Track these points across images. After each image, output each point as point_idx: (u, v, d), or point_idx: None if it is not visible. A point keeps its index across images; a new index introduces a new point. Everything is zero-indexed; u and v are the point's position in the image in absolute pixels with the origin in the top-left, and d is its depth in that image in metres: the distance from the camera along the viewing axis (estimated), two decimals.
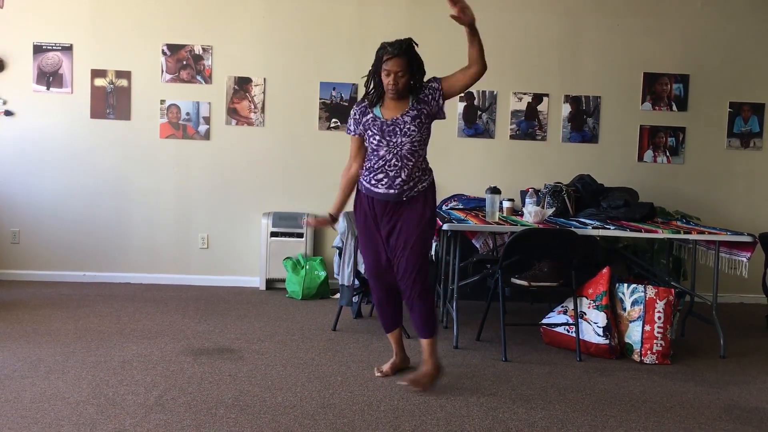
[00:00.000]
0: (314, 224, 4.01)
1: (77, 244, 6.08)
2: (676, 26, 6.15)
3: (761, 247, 5.07)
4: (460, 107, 6.10)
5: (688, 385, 3.95)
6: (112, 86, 6.01)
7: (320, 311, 5.33)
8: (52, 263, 6.09)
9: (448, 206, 5.72)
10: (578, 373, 4.08)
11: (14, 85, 5.98)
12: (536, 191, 5.13)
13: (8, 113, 5.98)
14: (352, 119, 3.80)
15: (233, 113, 6.08)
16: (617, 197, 5.13)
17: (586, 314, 4.39)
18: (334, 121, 6.08)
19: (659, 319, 4.25)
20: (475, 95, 6.10)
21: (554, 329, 4.54)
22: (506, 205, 5.10)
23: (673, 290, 4.34)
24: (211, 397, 3.47)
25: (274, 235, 5.93)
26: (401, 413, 3.36)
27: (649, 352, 4.27)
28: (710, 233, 4.59)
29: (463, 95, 6.03)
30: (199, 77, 6.05)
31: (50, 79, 5.99)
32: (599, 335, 4.32)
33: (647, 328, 4.26)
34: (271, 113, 6.11)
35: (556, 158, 6.15)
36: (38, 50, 5.97)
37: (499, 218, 4.86)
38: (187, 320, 4.93)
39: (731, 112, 6.21)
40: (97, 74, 6.01)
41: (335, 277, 5.27)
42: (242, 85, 6.06)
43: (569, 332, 4.44)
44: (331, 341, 4.55)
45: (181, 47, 6.03)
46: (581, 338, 4.36)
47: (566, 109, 6.16)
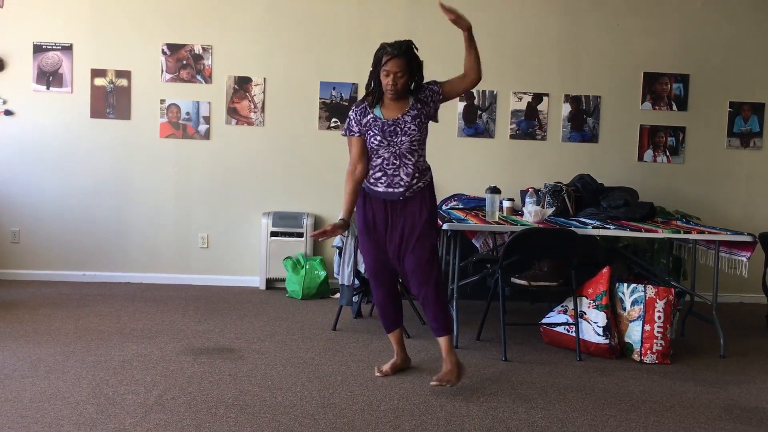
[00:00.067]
0: (330, 233, 3.66)
1: (77, 243, 6.08)
2: (676, 26, 6.15)
3: (761, 246, 5.07)
4: (460, 107, 6.10)
5: (687, 384, 3.95)
6: (112, 86, 6.01)
7: (320, 311, 5.33)
8: (52, 263, 6.09)
9: (448, 206, 5.72)
10: (578, 372, 4.08)
11: (14, 84, 5.98)
12: (536, 191, 5.13)
13: (8, 113, 5.98)
14: (351, 120, 3.77)
15: (233, 113, 6.08)
16: (617, 197, 5.13)
17: (586, 314, 4.39)
18: (334, 120, 6.08)
19: (659, 318, 4.26)
20: (475, 95, 6.10)
21: (554, 329, 4.54)
22: (506, 204, 5.10)
23: (673, 290, 4.34)
24: (211, 396, 3.47)
25: (274, 234, 5.93)
26: (401, 413, 3.36)
27: (649, 351, 4.27)
28: (710, 233, 4.59)
29: (463, 95, 6.05)
30: (199, 77, 6.05)
31: (50, 78, 5.99)
32: (599, 335, 4.32)
33: (647, 327, 4.26)
34: (271, 113, 6.11)
35: (556, 158, 6.15)
36: (38, 50, 5.97)
37: (499, 218, 4.85)
38: (187, 320, 4.93)
39: (731, 111, 6.21)
40: (97, 74, 6.01)
41: (335, 276, 5.27)
42: (242, 84, 6.06)
43: (569, 332, 4.44)
44: (331, 341, 4.55)
45: (181, 47, 6.03)
46: (581, 338, 4.36)
47: (566, 108, 6.16)
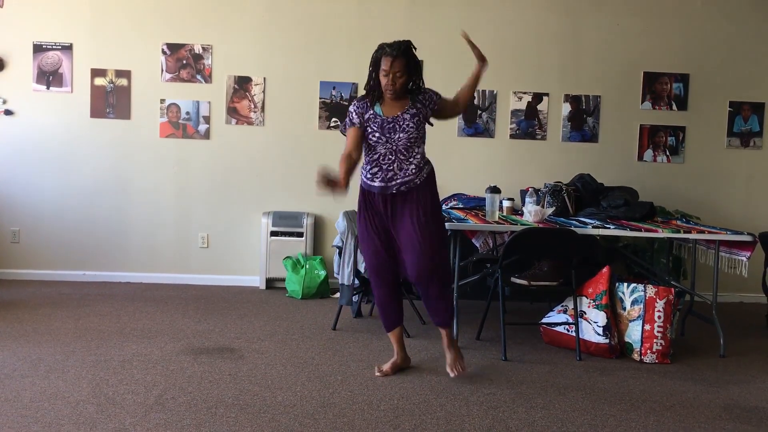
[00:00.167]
0: (324, 180, 3.47)
1: (77, 243, 6.08)
2: (676, 25, 6.15)
3: (761, 246, 5.07)
4: None
5: (687, 384, 3.95)
6: (112, 85, 6.01)
7: (320, 310, 5.33)
8: (52, 262, 6.09)
9: (448, 205, 5.71)
10: (578, 372, 4.08)
11: (14, 84, 5.98)
12: (536, 190, 5.13)
13: (8, 112, 5.98)
14: (353, 113, 3.81)
15: (233, 112, 6.08)
16: (617, 196, 5.13)
17: (585, 313, 4.39)
18: (334, 120, 6.08)
19: (659, 318, 4.26)
20: (475, 94, 6.08)
21: (554, 328, 4.54)
22: (506, 204, 5.10)
23: (672, 289, 4.34)
24: (211, 396, 3.47)
25: (274, 234, 5.93)
26: (401, 412, 3.36)
27: (648, 351, 4.27)
28: (710, 232, 4.59)
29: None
30: (199, 76, 6.04)
31: (50, 78, 5.99)
32: (599, 334, 4.32)
33: (647, 327, 4.26)
34: (271, 112, 6.11)
35: (556, 157, 6.15)
36: (38, 49, 5.97)
37: (499, 217, 4.85)
38: (187, 319, 4.93)
39: (731, 111, 6.21)
40: (97, 73, 6.01)
41: (335, 276, 5.27)
42: (242, 84, 6.06)
43: (569, 331, 4.44)
44: (331, 340, 4.55)
45: (181, 46, 6.03)
46: (581, 337, 4.36)
47: (566, 108, 6.16)
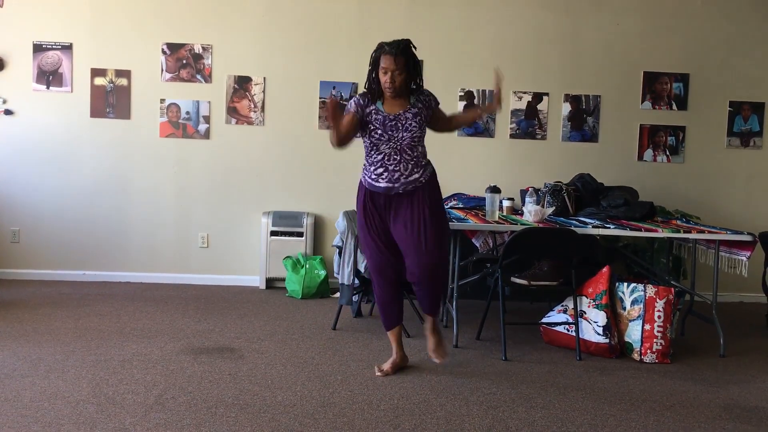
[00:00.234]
0: (334, 106, 3.55)
1: (77, 243, 6.08)
2: (676, 25, 6.15)
3: (761, 246, 5.07)
4: (459, 106, 6.09)
5: (687, 384, 3.95)
6: (111, 85, 6.01)
7: (320, 310, 5.33)
8: (52, 262, 6.09)
9: (448, 205, 5.71)
10: (578, 372, 4.08)
11: (14, 84, 5.98)
12: (536, 190, 5.13)
13: (8, 112, 5.98)
14: (353, 103, 3.82)
15: (233, 112, 6.08)
16: (617, 196, 5.13)
17: (585, 313, 4.39)
18: None
19: (659, 318, 4.26)
20: (475, 94, 6.10)
21: (554, 328, 4.54)
22: (506, 204, 5.10)
23: (672, 289, 4.34)
24: (211, 396, 3.47)
25: (274, 234, 5.93)
26: (401, 412, 3.36)
27: (648, 351, 4.27)
28: (710, 232, 4.59)
29: (462, 94, 6.07)
30: (198, 76, 6.04)
31: (50, 78, 5.99)
32: (599, 334, 4.32)
33: (647, 327, 4.26)
34: (271, 112, 6.10)
35: (556, 157, 6.14)
36: (38, 49, 5.97)
37: (499, 217, 4.85)
38: (187, 319, 4.93)
39: (731, 111, 6.21)
40: (97, 73, 6.01)
41: (335, 276, 5.27)
42: (242, 84, 6.06)
43: (569, 331, 4.44)
44: (331, 340, 4.55)
45: (180, 46, 6.03)
46: (581, 337, 4.36)
47: (566, 108, 6.16)
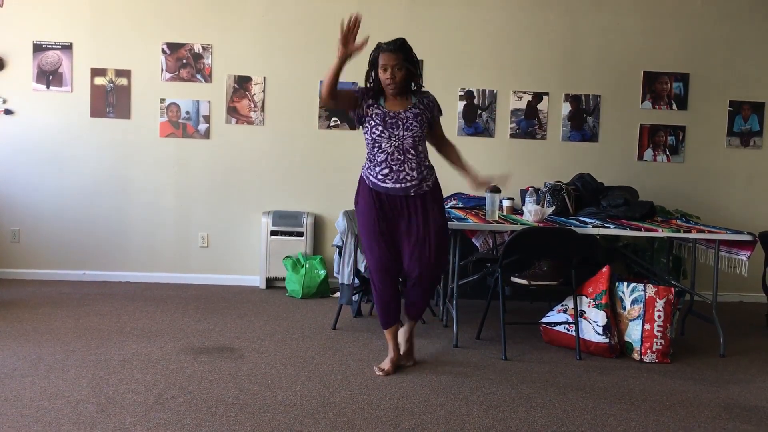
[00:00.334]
0: (353, 31, 3.60)
1: (77, 242, 6.08)
2: (676, 25, 6.15)
3: (761, 245, 5.07)
4: (459, 106, 6.09)
5: (687, 383, 3.95)
6: (111, 85, 6.01)
7: (320, 310, 5.34)
8: (52, 262, 6.09)
9: (448, 205, 5.71)
10: (578, 371, 4.08)
11: (14, 83, 5.98)
12: (536, 190, 5.13)
13: (8, 112, 5.98)
14: (359, 89, 3.89)
15: (233, 112, 6.08)
16: (617, 196, 5.13)
17: (585, 313, 4.39)
18: (334, 120, 6.08)
19: (659, 317, 4.26)
20: (475, 94, 6.10)
21: (554, 328, 4.54)
22: (506, 203, 5.10)
23: (672, 289, 4.34)
24: (211, 395, 3.47)
25: (274, 234, 5.93)
26: (401, 412, 3.36)
27: (648, 350, 4.27)
28: (710, 232, 4.59)
29: (462, 94, 6.07)
30: (198, 76, 6.04)
31: (50, 77, 5.99)
32: (599, 334, 4.32)
33: (647, 326, 4.26)
34: (271, 112, 6.10)
35: (556, 157, 6.15)
36: (38, 49, 5.97)
37: (498, 217, 4.85)
38: (187, 319, 4.93)
39: (731, 110, 6.21)
40: (97, 73, 6.01)
41: (335, 275, 5.26)
42: (242, 83, 6.06)
43: (569, 331, 4.44)
44: (331, 340, 4.55)
45: (180, 46, 6.03)
46: (581, 337, 4.36)
47: (566, 107, 6.16)
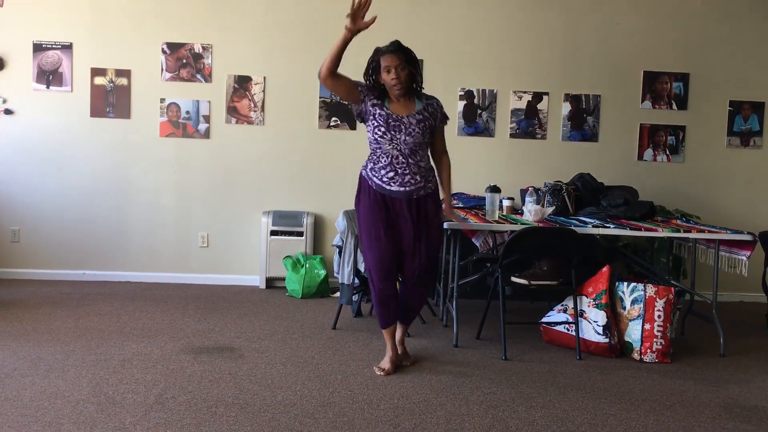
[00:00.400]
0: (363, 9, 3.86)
1: (77, 242, 6.08)
2: (676, 25, 6.15)
3: (761, 245, 5.07)
4: (459, 106, 6.09)
5: (687, 383, 3.95)
6: (111, 85, 6.01)
7: (320, 310, 5.34)
8: (52, 262, 6.09)
9: None
10: (578, 371, 4.08)
11: (14, 83, 5.98)
12: (536, 190, 5.13)
13: (8, 112, 5.98)
14: (365, 85, 3.89)
15: (233, 112, 6.08)
16: (617, 196, 5.13)
17: (585, 313, 4.39)
18: (334, 119, 6.08)
19: (659, 317, 4.26)
20: (475, 94, 6.10)
21: (554, 328, 4.54)
22: (506, 203, 5.10)
23: (672, 289, 4.34)
24: (211, 395, 3.47)
25: (274, 233, 5.93)
26: (401, 412, 3.36)
27: (648, 350, 4.27)
28: (710, 232, 4.59)
29: (462, 94, 6.07)
30: (198, 76, 6.04)
31: (50, 77, 5.99)
32: (599, 334, 4.32)
33: (647, 326, 4.26)
34: (271, 112, 6.10)
35: (556, 157, 6.15)
36: (38, 49, 5.97)
37: (499, 217, 4.85)
38: (187, 319, 4.93)
39: (731, 110, 6.21)
40: (96, 73, 6.01)
41: (335, 275, 5.26)
42: (242, 83, 6.06)
43: (569, 331, 4.44)
44: (331, 340, 4.55)
45: (180, 46, 6.02)
46: (581, 337, 4.36)
47: (566, 107, 6.16)
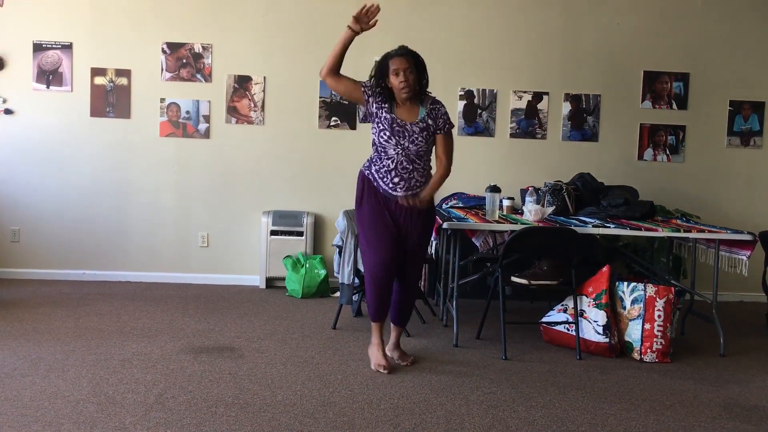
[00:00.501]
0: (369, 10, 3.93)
1: (77, 242, 6.08)
2: (676, 24, 6.15)
3: (761, 245, 5.06)
4: (460, 106, 6.09)
5: (687, 383, 3.95)
6: (112, 85, 6.01)
7: (320, 310, 5.34)
8: (52, 262, 6.09)
9: (448, 204, 5.72)
10: (578, 371, 4.08)
11: (14, 83, 5.97)
12: (536, 189, 5.13)
13: (8, 112, 5.98)
14: (370, 86, 3.88)
15: (233, 111, 6.08)
16: (617, 195, 5.13)
17: (585, 312, 4.39)
18: (334, 119, 6.07)
19: (659, 317, 4.26)
20: (475, 93, 6.10)
21: (554, 328, 4.54)
22: (506, 203, 5.10)
23: (672, 288, 4.34)
24: (211, 395, 3.47)
25: (274, 233, 5.93)
26: (401, 411, 3.36)
27: (648, 350, 4.27)
28: (710, 232, 4.59)
29: (462, 94, 6.07)
30: (198, 75, 6.04)
31: (50, 77, 5.99)
32: (599, 334, 4.32)
33: (647, 326, 4.26)
34: (271, 112, 6.10)
35: (556, 156, 6.14)
36: (38, 48, 5.97)
37: (499, 217, 4.85)
38: (187, 319, 4.93)
39: (731, 110, 6.20)
40: (97, 72, 6.00)
41: (335, 275, 5.27)
42: (242, 83, 6.06)
43: (569, 331, 4.44)
44: (331, 339, 4.55)
45: (180, 45, 6.02)
46: (581, 337, 4.36)
47: (566, 107, 6.16)
